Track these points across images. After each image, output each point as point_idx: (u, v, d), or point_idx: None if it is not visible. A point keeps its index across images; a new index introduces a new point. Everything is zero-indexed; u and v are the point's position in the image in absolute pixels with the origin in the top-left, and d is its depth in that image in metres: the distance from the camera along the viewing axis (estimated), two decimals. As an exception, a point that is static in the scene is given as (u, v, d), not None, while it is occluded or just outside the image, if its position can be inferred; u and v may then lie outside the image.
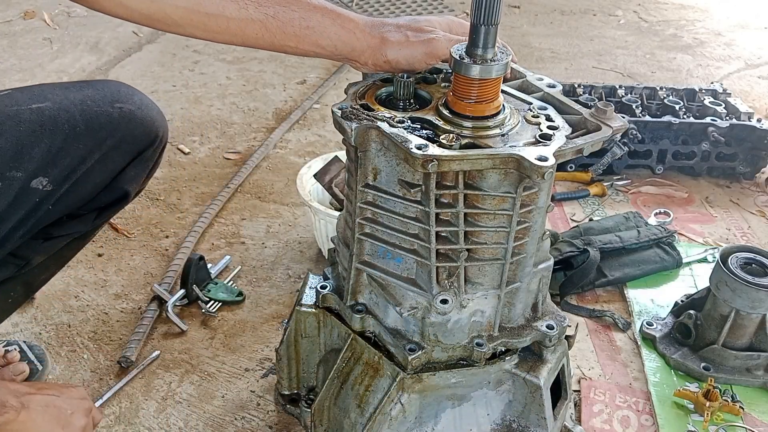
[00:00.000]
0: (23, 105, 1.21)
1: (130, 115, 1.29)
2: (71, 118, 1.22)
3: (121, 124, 1.27)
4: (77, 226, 1.31)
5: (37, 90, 1.26)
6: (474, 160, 0.96)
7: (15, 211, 1.17)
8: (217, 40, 1.18)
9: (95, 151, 1.24)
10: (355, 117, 1.03)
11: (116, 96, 1.31)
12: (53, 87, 1.29)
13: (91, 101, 1.26)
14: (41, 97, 1.23)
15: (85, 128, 1.22)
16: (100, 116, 1.25)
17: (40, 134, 1.18)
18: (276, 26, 1.13)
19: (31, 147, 1.17)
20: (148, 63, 2.96)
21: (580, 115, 1.05)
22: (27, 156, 1.17)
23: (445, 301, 1.08)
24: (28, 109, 1.20)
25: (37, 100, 1.22)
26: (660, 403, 1.46)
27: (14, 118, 1.18)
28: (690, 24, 3.63)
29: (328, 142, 2.43)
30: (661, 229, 1.90)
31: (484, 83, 1.01)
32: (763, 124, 2.17)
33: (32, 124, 1.19)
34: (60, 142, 1.20)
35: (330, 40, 1.13)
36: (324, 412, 1.26)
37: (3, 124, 1.16)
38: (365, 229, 1.11)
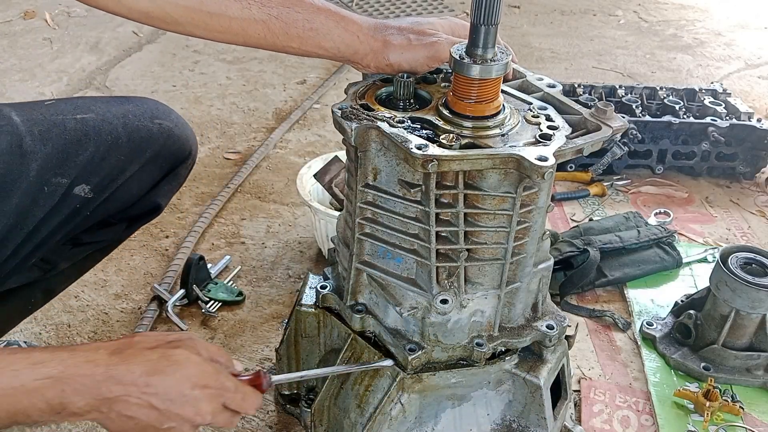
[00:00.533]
0: (68, 115, 1.24)
1: (168, 132, 1.33)
2: (114, 130, 1.25)
3: (160, 139, 1.31)
4: (107, 234, 1.35)
5: (80, 102, 1.30)
6: (474, 160, 0.96)
7: (55, 216, 1.20)
8: (218, 40, 1.18)
9: (134, 163, 1.27)
10: (355, 117, 1.03)
11: (155, 112, 1.34)
12: (95, 100, 1.34)
13: (133, 115, 1.30)
14: (85, 108, 1.27)
15: (126, 140, 1.26)
16: (140, 130, 1.29)
17: (85, 143, 1.22)
18: (279, 27, 1.13)
19: (76, 155, 1.21)
20: (148, 63, 2.96)
21: (580, 115, 1.05)
22: (72, 163, 1.20)
23: (445, 301, 1.08)
24: (73, 119, 1.23)
25: (81, 111, 1.26)
26: (660, 403, 1.46)
27: (60, 126, 1.21)
28: (690, 24, 3.62)
29: (328, 142, 2.42)
30: (661, 229, 1.90)
31: (484, 83, 1.01)
32: (763, 124, 2.17)
33: (77, 133, 1.22)
34: (103, 152, 1.23)
35: (333, 42, 1.13)
36: (324, 412, 1.26)
37: (49, 131, 1.19)
38: (365, 229, 1.11)
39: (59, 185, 1.18)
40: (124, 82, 2.79)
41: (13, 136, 1.17)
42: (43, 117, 1.22)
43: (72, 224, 1.23)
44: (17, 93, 2.66)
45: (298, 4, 1.13)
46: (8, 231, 1.15)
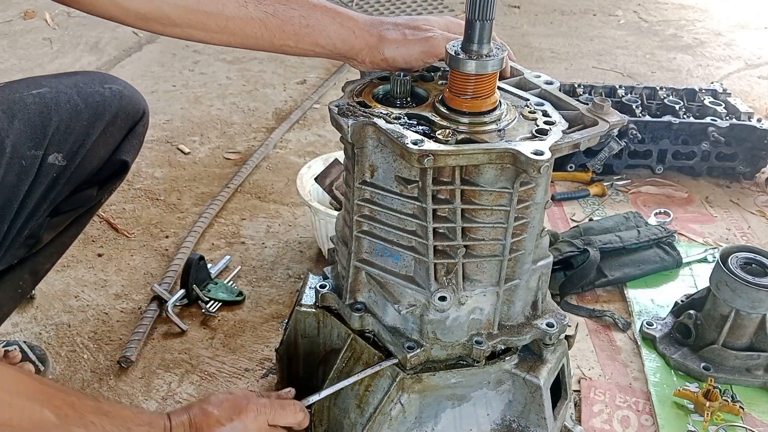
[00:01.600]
0: (24, 92, 1.27)
1: (120, 94, 1.38)
2: (71, 99, 1.29)
3: (114, 101, 1.35)
4: (82, 200, 1.38)
5: (29, 80, 1.33)
6: (470, 155, 0.96)
7: (37, 188, 1.24)
8: (214, 41, 1.18)
9: (96, 126, 1.31)
10: (351, 114, 1.03)
11: (103, 79, 1.40)
12: (43, 77, 1.37)
13: (83, 84, 1.34)
14: (37, 84, 1.31)
15: (84, 106, 1.30)
16: (94, 95, 1.33)
17: (48, 115, 1.25)
18: (275, 25, 1.13)
19: (43, 127, 1.24)
20: (148, 63, 2.97)
21: (578, 111, 1.05)
22: (41, 135, 1.24)
23: (443, 298, 1.08)
24: (30, 95, 1.27)
25: (35, 87, 1.29)
26: (660, 403, 1.46)
27: (20, 102, 1.25)
28: (690, 24, 3.62)
29: (328, 142, 2.42)
30: (661, 229, 1.90)
31: (480, 79, 1.01)
32: (763, 124, 2.17)
33: (38, 107, 1.25)
34: (67, 121, 1.27)
35: (329, 38, 1.13)
36: (324, 412, 1.26)
37: (11, 108, 1.22)
38: (363, 226, 1.11)
39: (35, 157, 1.21)
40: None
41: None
42: (1, 97, 1.25)
43: (53, 194, 1.27)
44: (17, 93, 2.65)
45: (293, 1, 1.13)
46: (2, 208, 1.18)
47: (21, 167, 1.21)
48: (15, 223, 1.22)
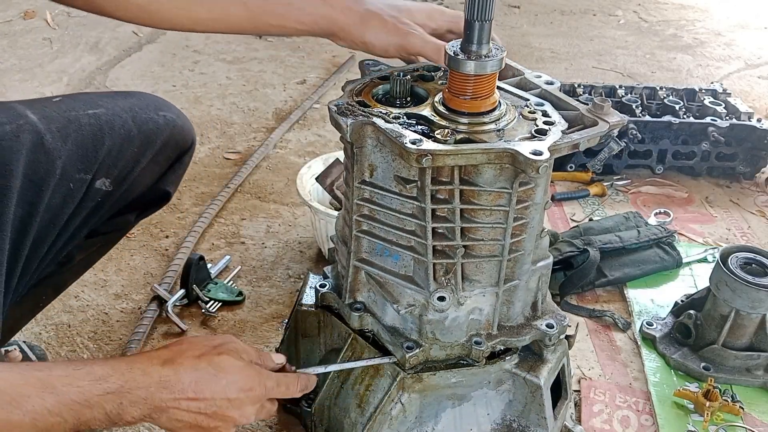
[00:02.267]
0: (80, 111, 1.26)
1: (172, 123, 1.37)
2: (125, 123, 1.28)
3: (166, 130, 1.35)
4: (120, 223, 1.38)
5: (86, 97, 1.33)
6: (468, 155, 0.96)
7: (82, 211, 1.22)
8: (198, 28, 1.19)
9: (146, 153, 1.31)
10: (351, 113, 1.03)
11: (158, 105, 1.39)
12: (99, 95, 1.37)
13: (139, 108, 1.34)
14: (93, 104, 1.29)
15: (137, 132, 1.29)
16: (148, 122, 1.32)
17: (101, 138, 1.24)
18: (257, 4, 1.14)
19: (95, 150, 1.23)
20: (148, 63, 2.97)
21: (578, 111, 1.05)
22: (92, 158, 1.23)
23: (442, 298, 1.08)
24: (86, 115, 1.25)
25: (91, 106, 1.28)
26: (660, 403, 1.46)
27: (75, 122, 1.23)
28: (690, 24, 3.62)
29: (328, 142, 2.42)
30: (661, 229, 1.90)
31: (479, 79, 1.01)
32: (763, 124, 2.17)
33: (92, 129, 1.24)
34: (118, 146, 1.26)
35: (311, 15, 1.14)
36: (324, 412, 1.26)
37: (66, 128, 1.21)
38: (362, 226, 1.11)
39: (83, 181, 1.20)
40: (124, 82, 2.79)
41: (35, 134, 1.17)
42: (57, 114, 1.23)
43: (95, 218, 1.26)
44: (17, 93, 2.66)
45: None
46: (44, 229, 1.17)
47: (68, 190, 1.20)
48: (55, 245, 1.21)
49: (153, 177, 1.34)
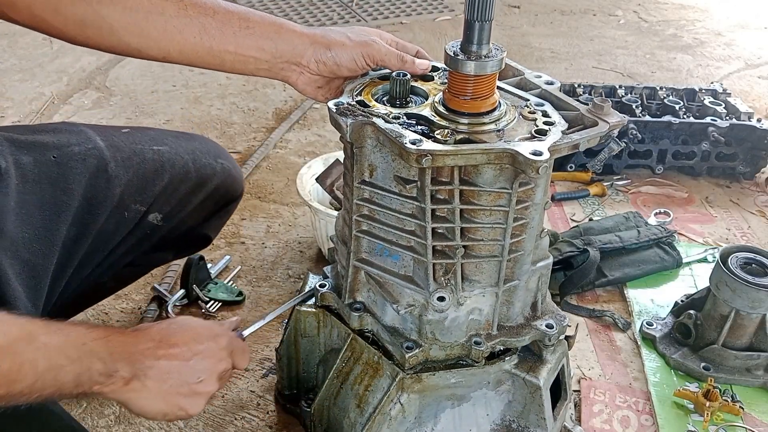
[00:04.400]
0: (146, 145, 1.33)
1: (228, 171, 1.46)
2: (185, 164, 1.36)
3: (220, 176, 1.43)
4: (157, 259, 1.44)
5: (153, 133, 1.42)
6: (468, 155, 0.96)
7: (129, 240, 1.28)
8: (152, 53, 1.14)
9: (198, 195, 1.39)
10: (350, 113, 1.03)
11: (218, 152, 1.47)
12: (164, 133, 1.46)
13: (200, 152, 1.42)
14: (159, 141, 1.38)
15: (195, 175, 1.37)
16: (206, 167, 1.41)
17: (161, 173, 1.32)
18: (215, 27, 1.11)
19: (153, 184, 1.30)
20: (148, 63, 2.95)
21: (578, 111, 1.05)
22: (149, 191, 1.29)
23: (441, 298, 1.08)
24: (150, 150, 1.33)
25: (157, 143, 1.36)
26: (660, 403, 1.46)
27: (140, 155, 1.30)
28: (690, 24, 3.62)
29: (328, 142, 2.42)
30: (661, 229, 1.90)
31: (479, 80, 1.01)
32: (763, 124, 2.17)
33: (155, 164, 1.32)
34: (176, 184, 1.34)
35: (270, 40, 1.12)
36: (324, 412, 1.26)
37: (131, 159, 1.28)
38: (362, 226, 1.11)
39: (137, 212, 1.26)
40: (124, 82, 2.79)
41: (100, 160, 1.23)
42: (124, 144, 1.30)
43: (140, 249, 1.31)
44: (17, 93, 2.66)
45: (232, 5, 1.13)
46: (92, 252, 1.21)
47: (122, 218, 1.24)
48: (98, 268, 1.24)
49: (198, 219, 1.39)
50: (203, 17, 1.11)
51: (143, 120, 2.53)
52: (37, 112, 2.54)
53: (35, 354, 0.86)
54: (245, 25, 1.11)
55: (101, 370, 0.93)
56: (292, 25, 1.14)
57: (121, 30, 1.10)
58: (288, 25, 1.14)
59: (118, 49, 1.15)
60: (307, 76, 1.15)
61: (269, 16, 1.15)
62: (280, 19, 1.15)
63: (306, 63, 1.13)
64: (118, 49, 1.15)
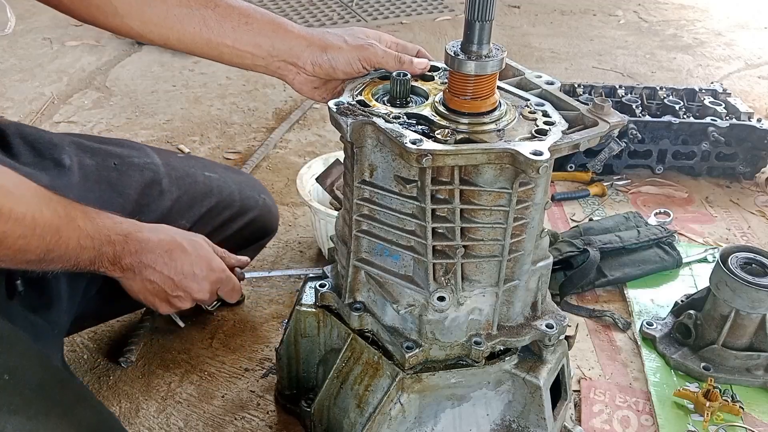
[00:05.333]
0: (198, 169, 1.48)
1: (267, 207, 1.60)
2: (232, 193, 1.49)
3: (260, 211, 1.56)
4: None
5: (205, 162, 1.57)
6: (468, 155, 0.96)
7: None
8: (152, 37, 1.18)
9: (238, 223, 1.51)
10: (351, 113, 1.03)
11: (261, 189, 1.62)
12: (216, 164, 1.61)
13: (245, 185, 1.57)
14: (210, 168, 1.52)
15: (239, 204, 1.51)
16: (250, 199, 1.54)
17: (209, 196, 1.45)
18: (214, 20, 1.14)
19: (200, 205, 1.43)
20: (148, 63, 2.97)
21: (578, 111, 1.05)
22: (195, 211, 1.42)
23: (442, 298, 1.08)
24: (202, 174, 1.47)
25: (208, 170, 1.51)
26: (660, 403, 1.46)
27: (192, 177, 1.45)
28: (690, 24, 3.62)
29: (328, 142, 2.42)
30: (661, 229, 1.90)
31: (480, 80, 1.01)
32: (763, 124, 2.17)
33: (204, 186, 1.45)
34: (220, 208, 1.47)
35: (268, 38, 1.14)
36: (324, 412, 1.26)
37: (183, 179, 1.42)
38: (362, 226, 1.11)
39: (182, 227, 1.32)
40: (125, 82, 2.79)
41: (155, 174, 1.38)
42: (179, 166, 1.44)
43: None
44: (17, 93, 2.66)
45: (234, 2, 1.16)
46: None
47: None
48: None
49: (233, 246, 1.45)
50: (204, 9, 1.14)
51: (143, 120, 2.53)
52: (37, 112, 2.54)
53: (71, 234, 1.04)
54: (244, 20, 1.14)
55: (111, 259, 1.13)
56: (291, 25, 1.15)
57: (124, 13, 1.15)
58: (287, 25, 1.15)
59: (121, 30, 1.20)
60: (303, 76, 1.17)
61: (270, 14, 1.17)
62: (280, 18, 1.16)
63: (302, 64, 1.15)
64: (122, 31, 1.20)
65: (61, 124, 2.48)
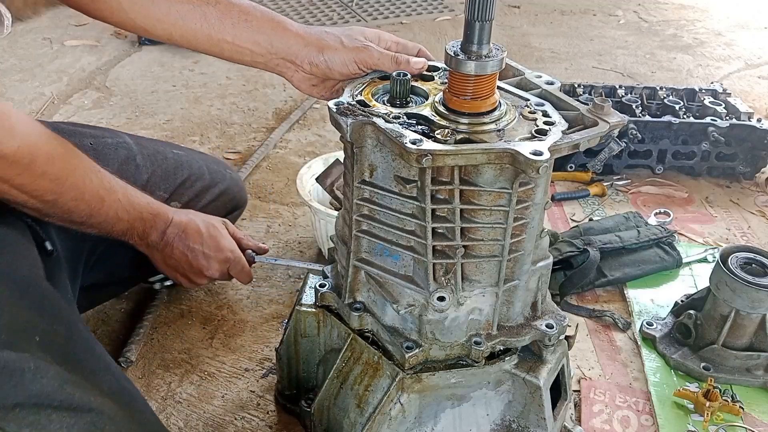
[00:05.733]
0: (167, 148, 1.59)
1: (235, 180, 1.71)
2: (200, 167, 1.61)
3: (229, 183, 1.67)
4: None
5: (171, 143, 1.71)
6: (468, 155, 0.96)
7: None
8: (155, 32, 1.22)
9: (211, 192, 1.61)
10: (351, 113, 1.03)
11: (226, 165, 1.75)
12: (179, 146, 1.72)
13: (211, 161, 1.69)
14: (177, 147, 1.65)
15: (208, 176, 1.62)
16: (217, 173, 1.65)
17: (180, 170, 1.56)
18: (215, 17, 1.17)
19: (174, 177, 1.54)
20: (148, 63, 2.97)
21: (578, 111, 1.05)
22: (171, 183, 1.53)
23: (442, 298, 1.07)
24: (170, 152, 1.58)
25: (175, 148, 1.63)
26: (660, 403, 1.46)
27: (162, 154, 1.56)
28: (690, 24, 3.62)
29: (328, 142, 2.42)
30: (661, 229, 1.90)
31: (480, 80, 1.00)
32: (763, 124, 2.17)
33: (174, 162, 1.56)
34: (192, 180, 1.58)
35: (267, 36, 1.16)
36: (324, 412, 1.26)
37: (155, 156, 1.53)
38: (362, 226, 1.11)
39: (162, 198, 1.45)
40: (125, 82, 2.79)
41: (129, 151, 1.49)
42: (149, 145, 1.56)
43: None
44: (17, 93, 2.66)
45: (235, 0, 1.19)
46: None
47: None
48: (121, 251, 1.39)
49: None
50: (205, 6, 1.17)
51: (143, 120, 2.53)
52: (37, 112, 2.54)
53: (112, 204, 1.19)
54: (244, 17, 1.17)
55: (140, 234, 1.31)
56: (290, 24, 1.17)
57: (129, 8, 1.19)
58: (285, 24, 1.17)
59: (126, 25, 1.23)
60: (301, 74, 1.19)
61: (270, 12, 1.19)
62: (279, 17, 1.18)
63: (300, 63, 1.17)
64: (127, 26, 1.23)
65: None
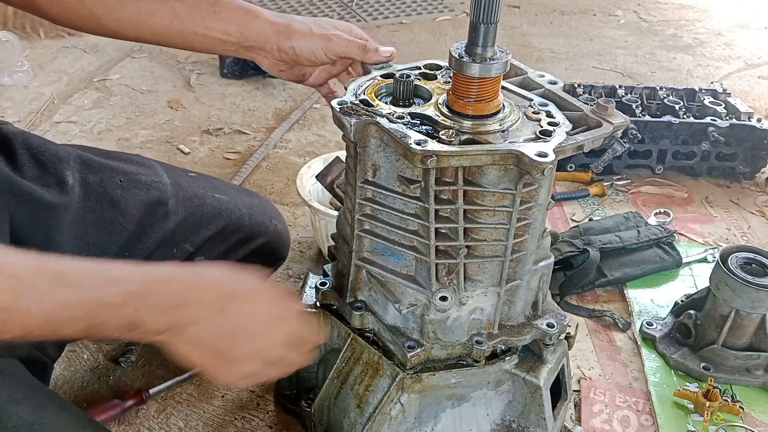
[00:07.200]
0: (208, 191, 1.41)
1: (278, 233, 1.52)
2: (241, 217, 1.43)
3: (270, 237, 1.49)
4: None
5: (217, 182, 1.50)
6: (473, 156, 0.95)
7: None
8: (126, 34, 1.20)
9: (245, 248, 1.44)
10: (354, 112, 1.02)
11: (274, 213, 1.54)
12: (226, 185, 1.53)
13: (257, 209, 1.49)
14: (221, 190, 1.45)
15: (248, 229, 1.44)
16: (260, 224, 1.47)
17: (217, 220, 1.38)
18: (185, 12, 1.17)
19: (207, 228, 1.37)
20: (148, 63, 2.96)
21: (581, 112, 1.05)
22: (201, 234, 1.36)
23: (444, 298, 1.07)
24: (211, 196, 1.40)
25: (218, 191, 1.43)
26: (660, 403, 1.46)
27: (200, 198, 1.38)
28: (690, 24, 3.62)
29: (328, 142, 2.42)
30: (661, 229, 1.90)
31: (484, 82, 1.00)
32: (763, 124, 2.17)
33: (212, 209, 1.38)
34: (227, 233, 1.40)
35: (236, 26, 1.17)
36: (324, 412, 1.26)
37: (191, 200, 1.36)
38: (365, 225, 1.11)
39: (185, 251, 1.31)
40: (124, 82, 2.79)
41: (162, 194, 1.32)
42: (188, 186, 1.38)
43: None
44: (17, 93, 2.65)
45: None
46: None
47: (170, 253, 1.30)
48: None
49: None
50: (174, 2, 1.17)
51: (143, 120, 2.53)
52: (37, 112, 2.54)
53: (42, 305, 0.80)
54: (212, 9, 1.17)
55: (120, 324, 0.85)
56: (259, 11, 1.18)
57: (99, 14, 1.18)
58: (256, 12, 1.18)
59: (98, 30, 1.22)
60: (270, 60, 1.20)
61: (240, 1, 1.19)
62: (248, 5, 1.19)
63: (269, 49, 1.18)
64: (99, 31, 1.22)
65: (61, 124, 2.48)
